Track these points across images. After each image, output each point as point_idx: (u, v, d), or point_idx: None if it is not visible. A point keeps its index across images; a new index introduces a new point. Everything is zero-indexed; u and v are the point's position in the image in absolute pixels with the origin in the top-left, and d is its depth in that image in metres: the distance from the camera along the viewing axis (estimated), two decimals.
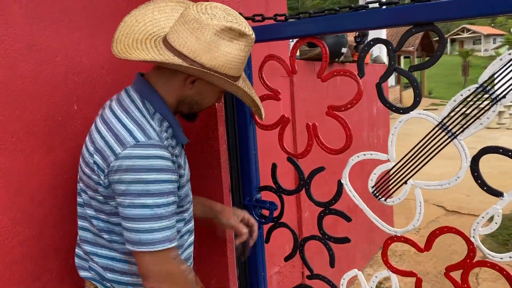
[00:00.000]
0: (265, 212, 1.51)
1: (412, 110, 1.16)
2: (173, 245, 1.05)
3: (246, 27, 1.08)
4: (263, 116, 1.30)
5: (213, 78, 1.06)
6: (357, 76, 1.22)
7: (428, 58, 1.15)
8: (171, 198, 1.04)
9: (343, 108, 1.27)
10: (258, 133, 1.52)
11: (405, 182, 1.21)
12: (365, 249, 3.77)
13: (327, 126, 1.31)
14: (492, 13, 1.02)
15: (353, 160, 1.29)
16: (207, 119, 1.55)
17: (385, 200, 1.26)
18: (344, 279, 1.40)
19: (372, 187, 1.27)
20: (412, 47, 19.76)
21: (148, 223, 1.00)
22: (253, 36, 1.10)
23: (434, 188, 1.17)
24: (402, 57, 20.99)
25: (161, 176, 1.00)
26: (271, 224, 1.51)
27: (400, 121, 1.19)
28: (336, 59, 2.91)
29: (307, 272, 1.48)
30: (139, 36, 1.11)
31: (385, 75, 1.18)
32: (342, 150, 1.29)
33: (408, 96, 20.64)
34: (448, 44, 45.82)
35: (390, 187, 1.25)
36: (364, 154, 1.28)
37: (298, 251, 1.49)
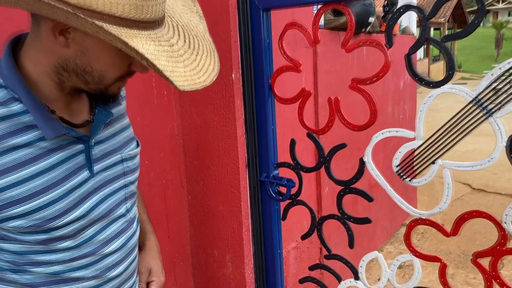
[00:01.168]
0: (283, 189, 1.46)
1: (444, 84, 1.06)
2: None
3: None
4: (180, 87, 0.72)
5: (76, 20, 0.64)
6: (385, 47, 1.13)
7: (460, 29, 1.04)
8: None
9: (369, 82, 1.18)
10: (277, 106, 1.45)
11: (433, 162, 1.13)
12: (386, 226, 3.70)
13: (353, 100, 1.22)
14: None
15: (377, 137, 1.21)
16: (223, 90, 1.48)
17: (410, 180, 1.18)
18: (363, 261, 1.35)
19: (397, 166, 1.19)
20: (443, 18, 18.96)
21: None
22: None
23: (465, 170, 1.09)
24: (432, 29, 20.19)
25: None
26: (288, 201, 1.46)
27: (430, 96, 1.10)
28: (363, 29, 2.77)
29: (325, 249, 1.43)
30: None
31: (415, 46, 1.08)
32: (366, 127, 1.21)
33: (437, 70, 19.98)
34: None
35: (416, 166, 1.17)
36: (389, 131, 1.20)
37: (315, 230, 1.44)
